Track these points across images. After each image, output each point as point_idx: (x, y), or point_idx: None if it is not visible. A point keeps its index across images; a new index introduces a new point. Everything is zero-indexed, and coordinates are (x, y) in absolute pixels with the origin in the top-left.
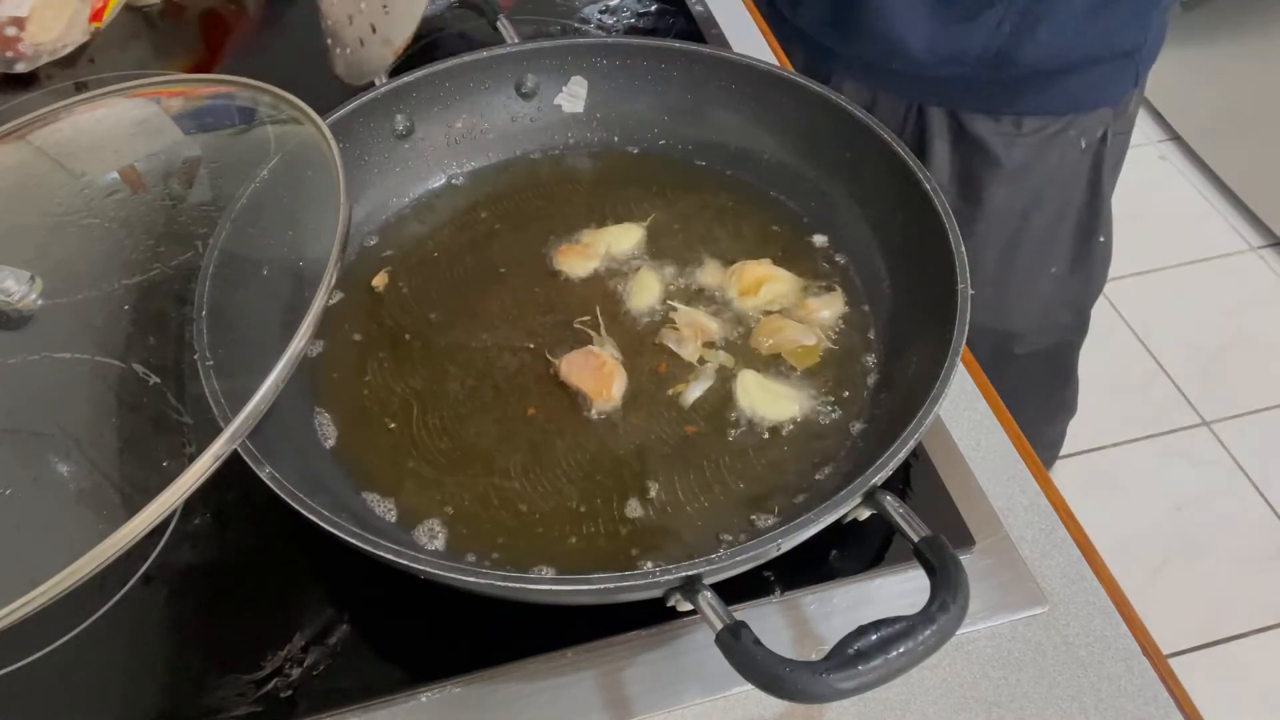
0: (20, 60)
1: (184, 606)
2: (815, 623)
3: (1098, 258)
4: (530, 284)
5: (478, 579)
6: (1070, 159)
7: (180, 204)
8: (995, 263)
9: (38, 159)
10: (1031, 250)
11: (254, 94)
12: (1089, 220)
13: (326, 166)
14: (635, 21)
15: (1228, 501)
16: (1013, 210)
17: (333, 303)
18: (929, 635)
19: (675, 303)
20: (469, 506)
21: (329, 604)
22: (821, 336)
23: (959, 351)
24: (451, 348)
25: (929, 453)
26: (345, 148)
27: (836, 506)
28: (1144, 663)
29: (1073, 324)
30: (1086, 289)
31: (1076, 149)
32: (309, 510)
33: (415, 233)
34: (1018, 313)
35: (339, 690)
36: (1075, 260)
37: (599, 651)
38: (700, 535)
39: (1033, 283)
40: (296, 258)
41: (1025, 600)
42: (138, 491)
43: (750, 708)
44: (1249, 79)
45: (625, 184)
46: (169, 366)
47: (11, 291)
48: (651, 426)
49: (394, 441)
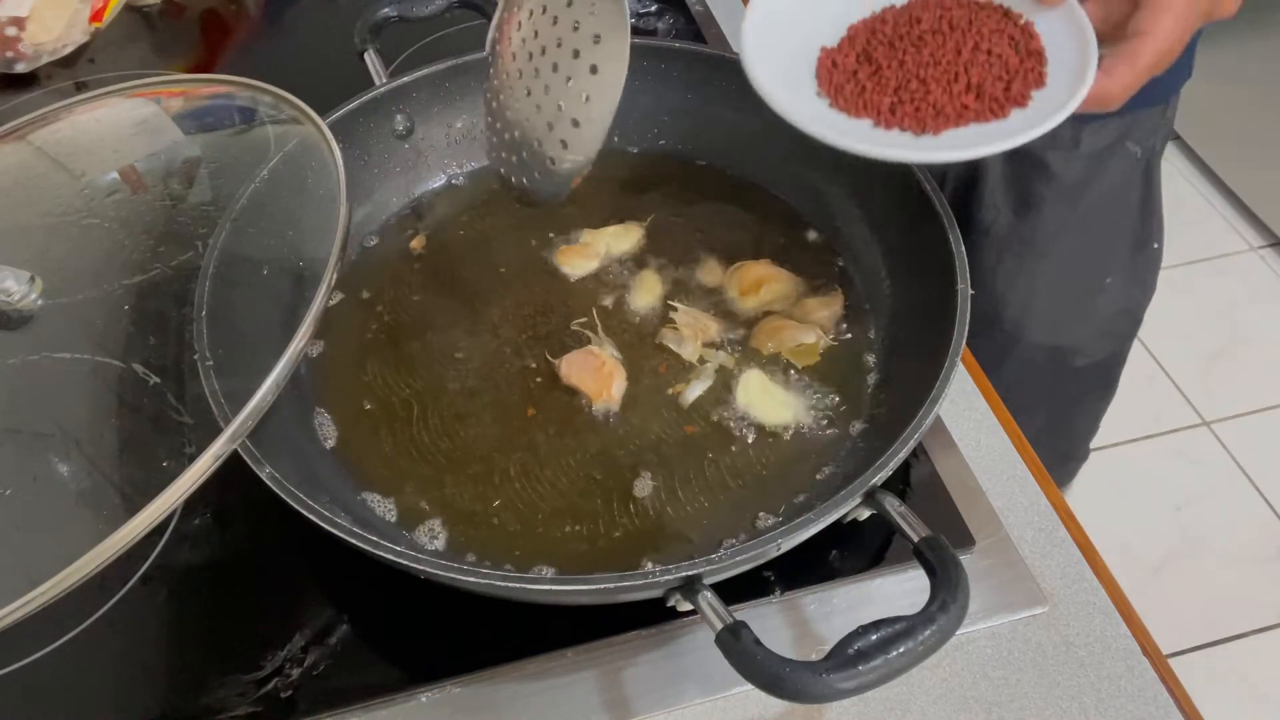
0: (20, 60)
1: (184, 606)
2: (815, 623)
3: (1152, 263)
4: (530, 284)
5: (478, 579)
6: (1125, 169)
7: (180, 204)
8: (1052, 279)
9: (38, 159)
10: (1089, 263)
11: (254, 94)
12: (1143, 228)
13: (326, 166)
14: (635, 21)
15: (1228, 501)
16: (1069, 225)
17: (333, 303)
18: (929, 635)
19: (675, 302)
20: (469, 506)
21: (329, 604)
22: (821, 336)
23: (959, 351)
24: (452, 348)
25: (929, 453)
26: (345, 148)
27: (836, 506)
28: (1144, 663)
29: (1128, 331)
30: (1143, 295)
31: (1132, 159)
32: (309, 510)
33: (415, 233)
34: (1077, 327)
35: (339, 690)
36: (1131, 269)
37: (599, 651)
38: (700, 535)
39: (1090, 296)
40: (296, 258)
41: (1025, 600)
42: (138, 491)
43: (750, 708)
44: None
45: (625, 184)
46: (169, 366)
47: (11, 291)
48: (651, 426)
49: (394, 441)
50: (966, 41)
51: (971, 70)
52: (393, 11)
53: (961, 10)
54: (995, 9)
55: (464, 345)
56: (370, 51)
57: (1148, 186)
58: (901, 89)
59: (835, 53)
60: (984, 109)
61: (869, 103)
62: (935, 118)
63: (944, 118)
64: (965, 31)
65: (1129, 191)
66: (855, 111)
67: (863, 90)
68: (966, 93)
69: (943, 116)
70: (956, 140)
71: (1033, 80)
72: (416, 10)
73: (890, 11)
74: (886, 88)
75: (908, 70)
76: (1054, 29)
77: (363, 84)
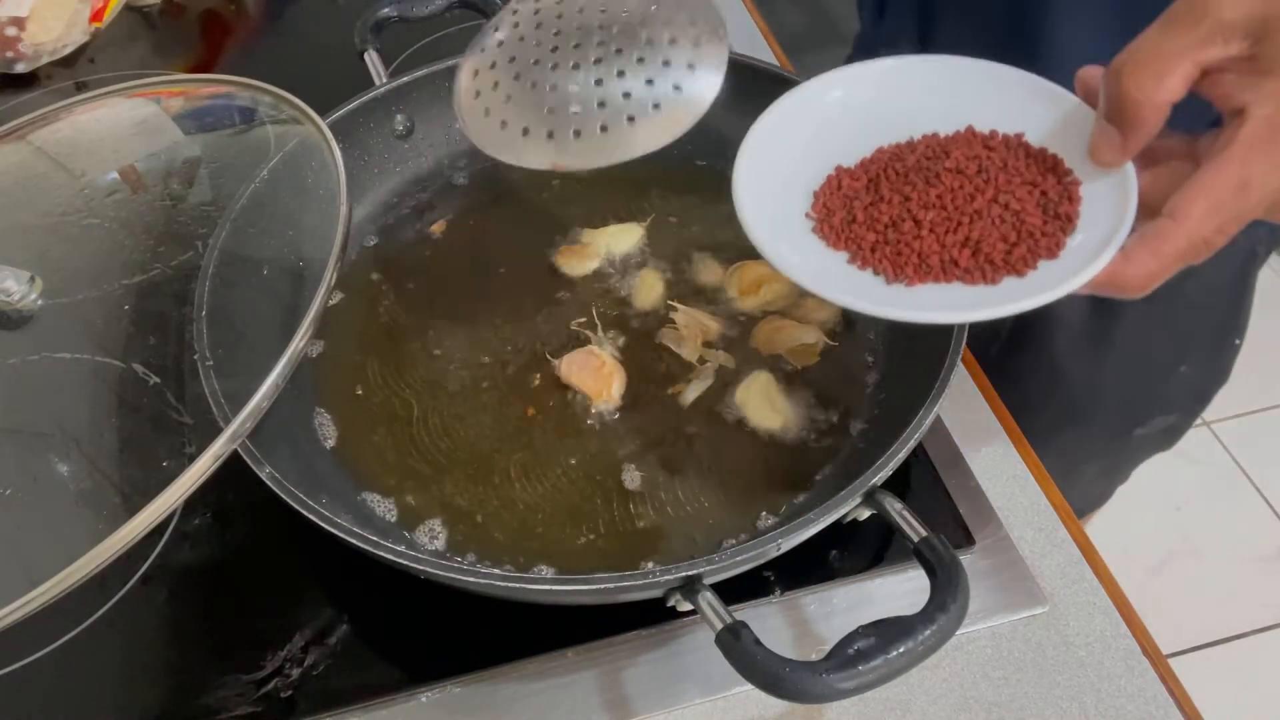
0: (20, 60)
1: (184, 606)
2: (815, 623)
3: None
4: (530, 284)
5: (478, 579)
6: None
7: (180, 204)
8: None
9: (38, 159)
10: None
11: (254, 94)
12: (1228, 326)
13: (326, 166)
14: None
15: (1228, 501)
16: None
17: (333, 303)
18: (929, 635)
19: (675, 302)
20: (469, 506)
21: (329, 604)
22: (821, 336)
23: (959, 351)
24: (451, 348)
25: (929, 453)
26: (345, 148)
27: (836, 506)
28: (1144, 663)
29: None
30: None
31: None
32: (309, 510)
33: (416, 232)
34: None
35: (339, 690)
36: (1207, 359)
37: (599, 651)
38: (700, 535)
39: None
40: (296, 258)
41: (1025, 600)
42: (138, 491)
43: (750, 708)
44: None
45: (625, 184)
46: (169, 366)
47: (11, 291)
48: (651, 426)
49: (394, 441)
50: (986, 189)
51: (976, 224)
52: (393, 11)
53: (1001, 152)
54: (1045, 158)
55: (464, 345)
56: (370, 51)
57: (1242, 286)
58: (892, 227)
59: (847, 173)
60: (975, 270)
61: (854, 236)
62: (917, 268)
63: (926, 270)
64: (990, 177)
65: (1220, 292)
66: (836, 242)
67: (852, 220)
68: (962, 247)
69: (925, 268)
70: (920, 300)
71: (1044, 249)
72: (416, 10)
73: (928, 139)
74: (877, 223)
75: (907, 208)
76: (1099, 192)
77: (363, 84)
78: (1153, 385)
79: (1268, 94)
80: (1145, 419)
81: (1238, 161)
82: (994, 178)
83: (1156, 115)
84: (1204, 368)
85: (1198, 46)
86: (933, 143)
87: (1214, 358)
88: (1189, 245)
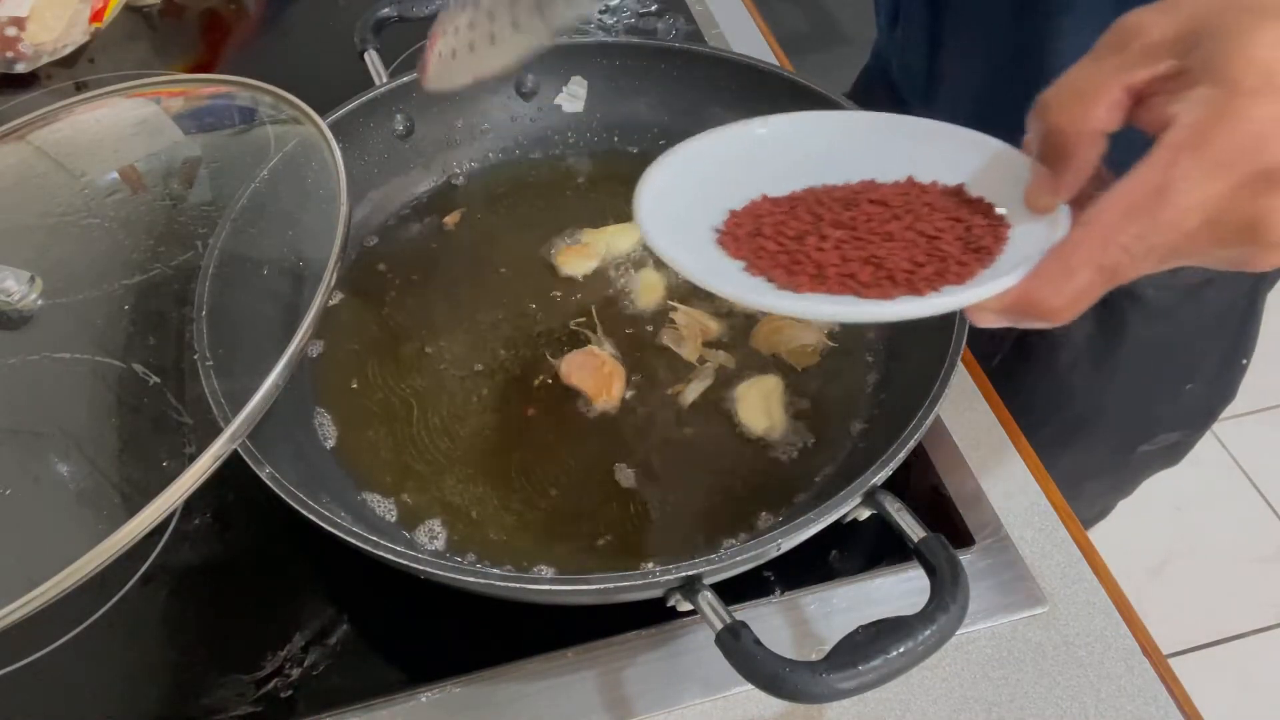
0: (20, 60)
1: (184, 606)
2: (815, 623)
3: (1237, 375)
4: (530, 284)
5: (478, 579)
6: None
7: (180, 204)
8: (1129, 386)
9: (38, 159)
10: (1170, 375)
11: (254, 94)
12: (1235, 348)
13: (326, 166)
14: (635, 21)
15: (1228, 501)
16: (1156, 343)
17: (333, 303)
18: (929, 635)
19: (675, 302)
20: (469, 506)
21: (329, 604)
22: (821, 336)
23: (959, 351)
24: (451, 347)
25: (929, 453)
26: (345, 148)
27: (836, 506)
28: (1144, 663)
29: (1202, 424)
30: (1222, 400)
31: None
32: (309, 510)
33: (415, 233)
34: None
35: (339, 690)
36: (1214, 379)
37: (599, 651)
38: (700, 535)
39: (1169, 400)
40: (296, 258)
41: (1025, 600)
42: (138, 491)
43: (750, 708)
44: None
45: (625, 184)
46: (169, 366)
47: (11, 291)
48: (651, 427)
49: (394, 441)
50: (904, 218)
51: (885, 244)
52: (393, 11)
53: (934, 195)
54: (980, 205)
55: (464, 345)
56: (370, 51)
57: (1249, 310)
58: (795, 240)
59: (770, 200)
60: (873, 285)
61: (755, 246)
62: (812, 278)
63: (820, 280)
64: (913, 209)
65: (1227, 316)
66: (736, 251)
67: (757, 233)
68: (864, 263)
69: (820, 279)
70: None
71: (954, 274)
72: (416, 10)
73: (864, 182)
74: (782, 235)
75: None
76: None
77: (363, 84)
78: (1159, 404)
79: (1195, 100)
80: (1150, 436)
81: (1159, 166)
82: (917, 210)
83: (1087, 146)
84: (1211, 386)
85: (1125, 70)
86: (868, 184)
87: (1221, 376)
88: (1102, 252)
